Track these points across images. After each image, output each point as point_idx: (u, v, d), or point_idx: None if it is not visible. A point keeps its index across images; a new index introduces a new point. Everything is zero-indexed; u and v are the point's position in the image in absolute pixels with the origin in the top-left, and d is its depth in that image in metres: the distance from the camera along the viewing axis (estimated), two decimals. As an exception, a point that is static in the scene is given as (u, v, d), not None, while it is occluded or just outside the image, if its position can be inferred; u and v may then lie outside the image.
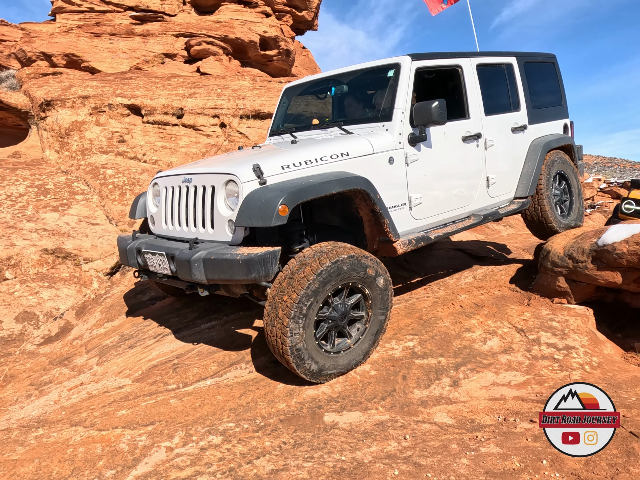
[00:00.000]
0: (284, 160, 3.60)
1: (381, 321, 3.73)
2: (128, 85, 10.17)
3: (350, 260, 3.39)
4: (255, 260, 3.14)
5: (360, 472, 2.65)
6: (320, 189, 3.42)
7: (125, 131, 9.47)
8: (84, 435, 3.06)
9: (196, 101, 9.71)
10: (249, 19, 13.98)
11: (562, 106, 6.17)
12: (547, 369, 3.67)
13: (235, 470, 2.68)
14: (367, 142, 3.96)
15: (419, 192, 4.25)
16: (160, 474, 2.66)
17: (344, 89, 5.09)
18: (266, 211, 3.18)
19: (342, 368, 3.54)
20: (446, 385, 3.50)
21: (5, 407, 3.62)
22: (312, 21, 16.93)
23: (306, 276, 3.21)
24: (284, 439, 2.95)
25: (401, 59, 4.32)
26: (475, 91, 4.85)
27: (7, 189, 7.37)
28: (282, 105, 5.53)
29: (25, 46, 12.07)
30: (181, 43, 12.79)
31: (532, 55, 5.86)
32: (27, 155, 9.52)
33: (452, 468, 2.66)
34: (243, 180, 3.40)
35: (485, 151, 4.90)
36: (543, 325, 4.27)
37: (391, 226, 3.93)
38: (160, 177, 4.27)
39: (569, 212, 5.87)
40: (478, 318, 4.44)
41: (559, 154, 5.73)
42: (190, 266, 3.36)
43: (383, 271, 3.65)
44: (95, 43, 12.41)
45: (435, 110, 3.97)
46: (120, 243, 4.41)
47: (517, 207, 5.23)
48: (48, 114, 9.64)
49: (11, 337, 4.81)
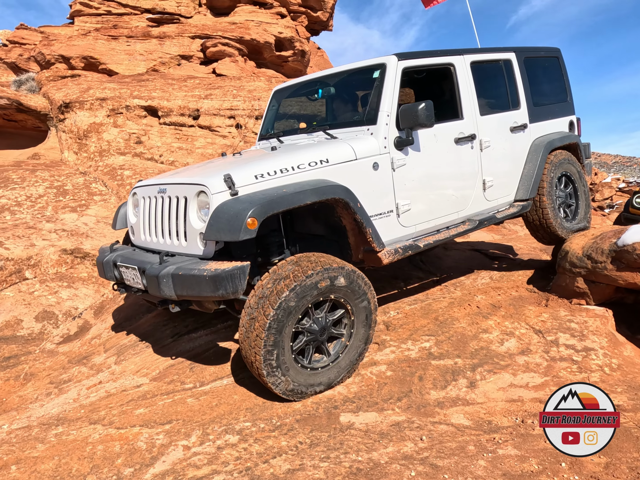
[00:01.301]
0: (258, 169, 3.43)
1: (365, 338, 3.58)
2: (145, 87, 10.26)
3: (328, 274, 3.23)
4: (223, 276, 3.01)
5: (377, 472, 2.64)
6: (293, 200, 3.25)
7: (142, 132, 9.56)
8: (103, 433, 3.09)
9: (212, 102, 9.77)
10: (264, 20, 14.01)
11: (568, 102, 5.90)
12: (565, 370, 3.63)
13: (252, 469, 2.69)
14: (349, 148, 3.78)
15: (407, 199, 4.04)
16: (178, 473, 2.68)
17: (331, 91, 4.93)
18: (234, 224, 3.04)
19: (319, 386, 3.38)
20: (463, 387, 3.48)
21: (25, 405, 3.67)
22: (327, 21, 16.91)
23: (280, 291, 3.08)
24: (300, 438, 2.96)
25: (387, 58, 4.13)
26: (470, 90, 4.62)
27: (27, 190, 7.49)
28: (271, 108, 5.36)
29: (45, 49, 12.23)
30: (197, 45, 12.87)
31: (534, 50, 5.61)
32: (46, 157, 9.65)
33: (470, 470, 2.64)
34: (213, 191, 3.26)
35: (481, 153, 4.67)
36: (561, 326, 4.23)
37: (374, 236, 3.74)
38: (138, 187, 4.14)
39: (574, 216, 5.60)
40: (495, 319, 4.40)
41: (564, 154, 5.48)
42: (159, 282, 3.23)
43: (367, 286, 3.51)
44: (112, 45, 12.53)
45: (422, 112, 3.77)
46: (99, 255, 4.26)
47: (517, 210, 4.99)
48: (66, 116, 9.77)
49: (31, 336, 4.88)
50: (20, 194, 7.38)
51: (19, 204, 7.14)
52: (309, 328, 3.29)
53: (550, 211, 5.18)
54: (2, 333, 4.86)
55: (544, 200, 5.16)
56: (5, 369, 4.34)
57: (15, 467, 2.80)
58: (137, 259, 3.69)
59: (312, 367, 3.36)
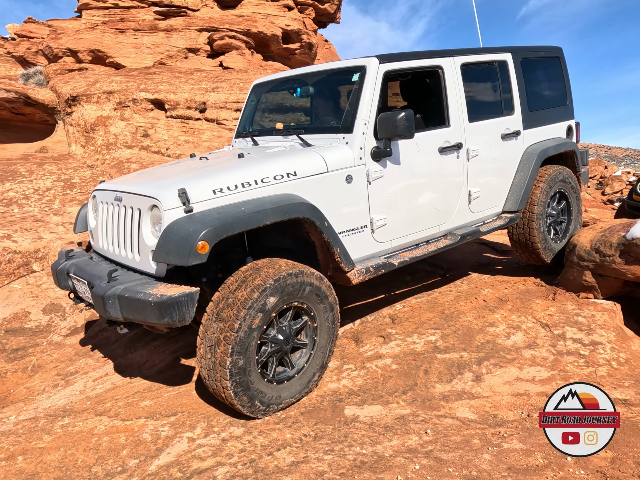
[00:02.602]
0: (217, 183, 3.12)
1: (327, 348, 3.40)
2: (152, 80, 10.26)
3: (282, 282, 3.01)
4: (168, 303, 2.76)
5: (381, 465, 2.64)
6: (250, 221, 2.98)
7: (149, 126, 9.57)
8: (108, 424, 3.11)
9: (219, 95, 9.75)
10: (272, 13, 13.95)
11: (567, 106, 5.52)
12: (572, 364, 3.60)
13: (256, 461, 2.69)
14: (320, 159, 3.48)
15: (383, 213, 3.77)
16: (182, 464, 2.69)
17: (310, 91, 4.62)
18: (183, 247, 2.78)
19: (287, 399, 3.19)
20: (469, 380, 3.47)
21: (33, 396, 3.70)
22: (335, 14, 16.82)
23: (237, 312, 2.87)
24: (304, 431, 2.96)
25: (367, 60, 3.78)
26: (458, 95, 4.27)
27: (35, 183, 7.52)
28: (250, 103, 4.98)
29: (52, 43, 12.25)
30: (204, 38, 12.84)
31: (532, 50, 5.22)
32: (54, 150, 9.69)
33: (474, 463, 2.63)
34: (166, 206, 2.97)
35: (468, 163, 4.35)
36: (569, 320, 4.19)
37: (343, 255, 3.47)
38: (98, 190, 3.85)
39: (563, 235, 5.28)
40: (502, 312, 4.38)
41: (560, 170, 5.10)
42: (104, 303, 2.98)
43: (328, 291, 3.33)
44: (119, 39, 12.53)
45: (400, 122, 3.47)
46: (55, 261, 3.96)
47: (505, 222, 4.71)
48: (74, 109, 9.78)
49: (39, 328, 4.91)
50: (28, 187, 7.41)
51: (26, 197, 7.17)
52: (273, 339, 3.11)
53: (536, 230, 4.88)
54: (10, 325, 4.90)
55: (532, 218, 4.85)
56: (13, 361, 4.37)
57: (21, 458, 2.83)
58: (88, 271, 3.41)
59: (277, 380, 3.16)
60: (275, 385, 3.14)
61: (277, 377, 3.17)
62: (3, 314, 5.00)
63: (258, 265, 3.08)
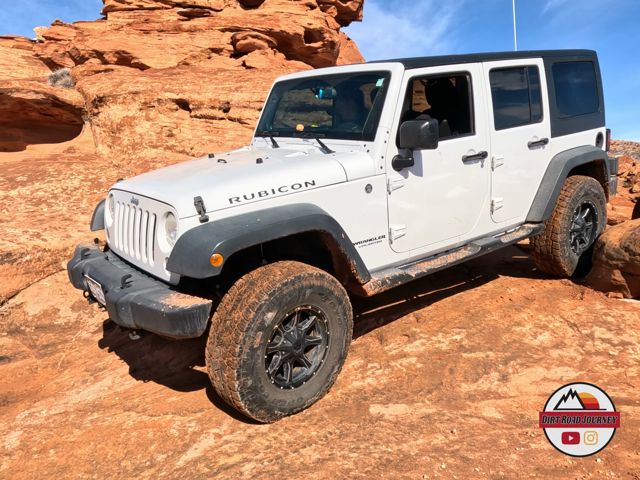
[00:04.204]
0: (234, 191, 3.04)
1: (342, 340, 3.31)
2: (176, 80, 10.38)
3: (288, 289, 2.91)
4: (180, 315, 2.73)
5: (407, 464, 2.63)
6: (266, 233, 2.89)
7: (173, 125, 9.68)
8: (137, 420, 3.16)
9: (242, 95, 9.82)
10: (294, 12, 13.99)
11: (598, 113, 5.30)
12: (601, 365, 3.54)
13: (282, 458, 2.71)
14: (340, 168, 3.38)
15: (402, 223, 3.67)
16: (209, 460, 2.72)
17: (332, 93, 4.49)
18: (197, 259, 2.73)
19: (309, 398, 3.16)
20: (495, 380, 3.44)
21: (63, 391, 3.77)
22: (357, 12, 16.78)
23: (236, 333, 2.79)
24: (329, 429, 2.97)
25: (392, 65, 3.65)
26: (485, 102, 4.11)
27: (63, 183, 7.67)
28: (271, 101, 4.89)
29: (79, 44, 12.48)
30: (227, 38, 12.93)
31: (565, 54, 5.00)
32: (81, 150, 9.87)
33: (501, 463, 2.61)
34: (181, 215, 2.92)
35: (492, 172, 4.20)
36: (597, 320, 4.13)
37: (359, 267, 3.38)
38: (115, 189, 3.80)
39: (586, 249, 5.11)
40: (528, 312, 4.33)
41: (588, 182, 4.92)
42: (117, 309, 2.95)
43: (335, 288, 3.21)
44: (144, 40, 12.70)
45: (424, 132, 3.36)
46: (71, 259, 3.91)
47: (527, 233, 4.57)
48: (100, 110, 9.95)
49: (67, 324, 5.02)
50: (56, 187, 7.57)
51: (55, 196, 7.32)
52: (282, 346, 3.03)
53: (560, 243, 4.74)
54: (40, 322, 5.01)
55: (556, 230, 4.71)
56: (43, 357, 4.47)
57: (53, 451, 2.89)
58: (103, 273, 3.37)
59: (294, 383, 3.11)
60: (294, 389, 3.10)
61: (294, 380, 3.13)
62: (33, 310, 5.12)
63: (253, 278, 2.96)
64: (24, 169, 8.34)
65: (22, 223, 6.34)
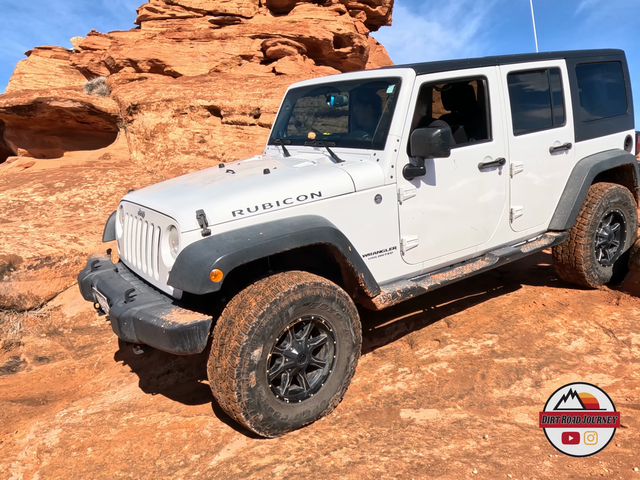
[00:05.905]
0: (237, 204, 2.98)
1: (348, 330, 3.18)
2: (208, 87, 10.55)
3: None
4: (179, 332, 2.67)
5: (438, 469, 2.62)
6: (267, 248, 2.81)
7: (205, 132, 9.85)
8: (171, 420, 3.23)
9: (272, 101, 9.93)
10: (323, 18, 14.09)
11: (627, 115, 5.05)
12: (638, 372, 3.46)
13: (313, 460, 2.73)
14: (347, 178, 3.27)
15: (415, 234, 3.54)
16: (242, 461, 2.76)
17: (344, 100, 4.42)
18: (197, 275, 2.67)
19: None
20: (527, 386, 3.39)
21: (99, 391, 3.87)
22: (386, 16, 16.80)
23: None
24: (360, 432, 2.98)
25: (402, 71, 3.52)
26: (503, 106, 3.95)
27: (99, 189, 7.88)
28: (284, 109, 4.81)
29: (114, 54, 12.81)
30: (257, 44, 13.10)
31: (590, 55, 4.77)
32: (116, 157, 10.13)
33: (535, 470, 2.58)
34: (183, 228, 2.87)
35: (511, 179, 4.03)
36: (634, 326, 4.03)
37: (368, 281, 3.26)
38: (125, 201, 3.77)
39: (612, 260, 4.87)
40: (562, 317, 4.26)
41: (617, 189, 4.69)
42: (120, 324, 2.90)
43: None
44: (176, 48, 12.96)
45: (435, 140, 3.24)
46: (82, 271, 3.89)
47: (550, 242, 4.37)
48: (135, 117, 10.20)
49: (103, 327, 5.14)
50: (92, 192, 7.78)
51: (91, 201, 7.53)
52: (286, 365, 2.96)
53: (583, 251, 4.52)
54: (77, 324, 5.15)
55: (580, 237, 4.50)
56: (80, 358, 4.59)
57: (91, 449, 2.98)
58: (110, 286, 3.34)
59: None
60: (314, 395, 3.08)
61: (312, 385, 3.10)
62: (71, 312, 5.27)
63: (230, 315, 2.84)
64: (61, 175, 8.60)
65: (60, 228, 6.53)
